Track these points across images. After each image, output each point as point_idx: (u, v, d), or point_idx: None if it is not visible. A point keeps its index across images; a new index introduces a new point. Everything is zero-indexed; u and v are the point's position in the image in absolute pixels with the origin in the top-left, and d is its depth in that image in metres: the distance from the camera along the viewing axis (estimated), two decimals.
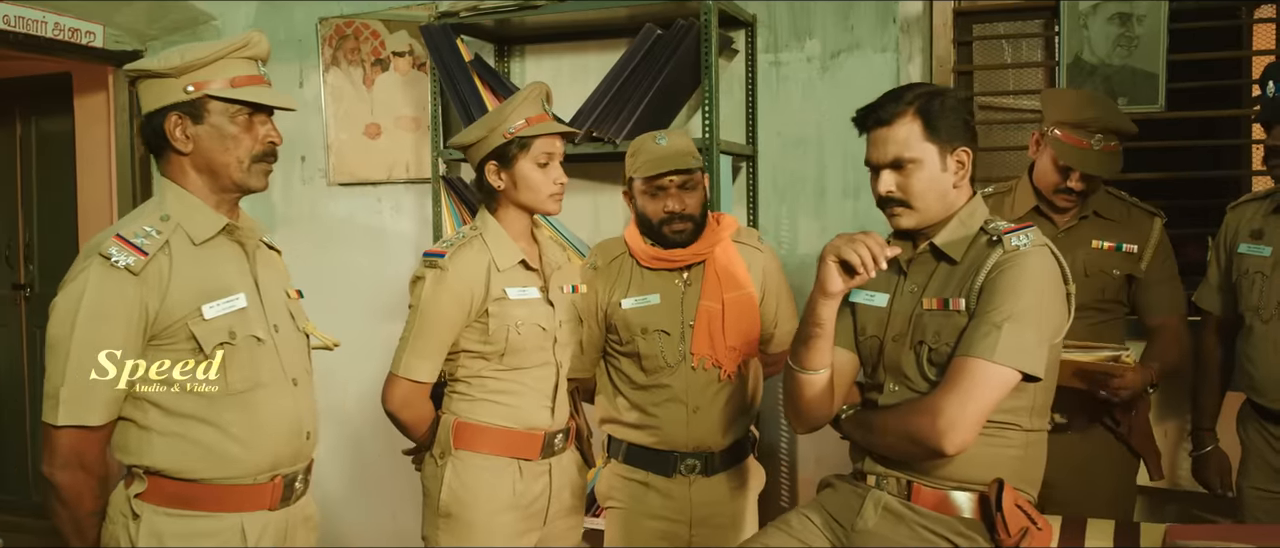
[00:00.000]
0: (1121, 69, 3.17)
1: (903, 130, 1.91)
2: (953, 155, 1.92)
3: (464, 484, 2.27)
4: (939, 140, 1.91)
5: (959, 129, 1.92)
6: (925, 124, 1.90)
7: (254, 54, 1.90)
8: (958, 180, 1.93)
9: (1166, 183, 3.31)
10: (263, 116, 1.91)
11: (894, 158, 1.92)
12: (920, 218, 1.94)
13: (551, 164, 2.31)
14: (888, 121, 1.92)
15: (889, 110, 1.92)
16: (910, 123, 1.91)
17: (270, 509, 1.88)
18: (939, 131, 1.90)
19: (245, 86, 1.87)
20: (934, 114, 1.90)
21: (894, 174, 1.93)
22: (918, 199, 1.92)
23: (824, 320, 1.90)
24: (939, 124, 1.90)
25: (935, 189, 1.92)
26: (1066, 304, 1.89)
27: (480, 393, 2.30)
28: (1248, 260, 2.51)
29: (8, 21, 3.45)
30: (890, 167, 1.93)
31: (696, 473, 2.49)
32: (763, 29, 3.38)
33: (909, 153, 1.90)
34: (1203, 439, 2.69)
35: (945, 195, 1.93)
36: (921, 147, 1.90)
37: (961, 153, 1.93)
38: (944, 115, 1.91)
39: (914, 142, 1.90)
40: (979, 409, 1.78)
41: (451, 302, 2.24)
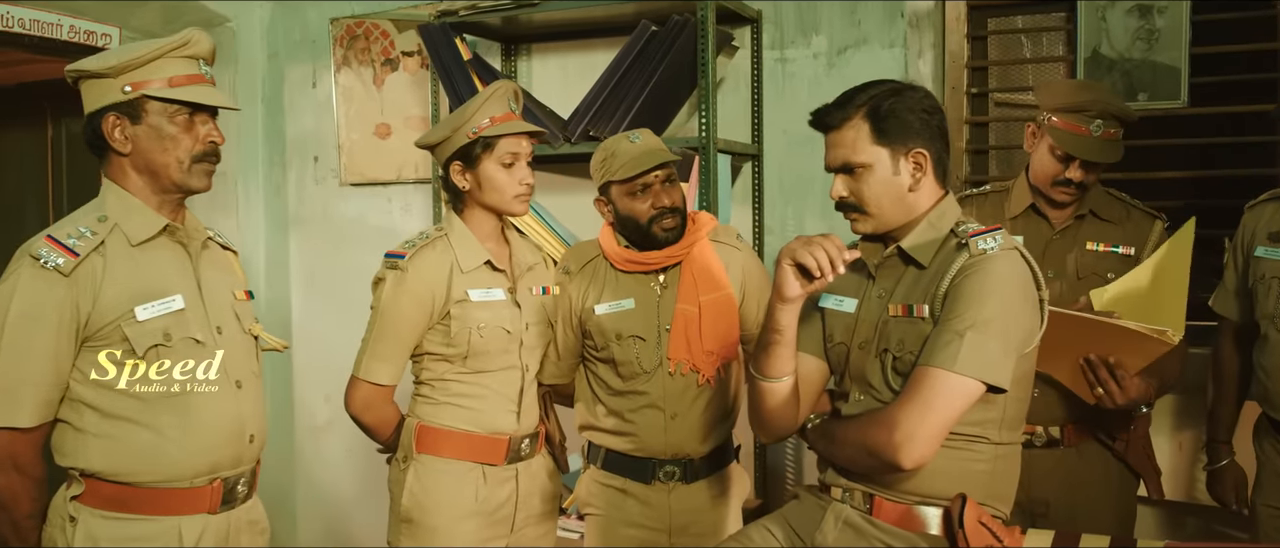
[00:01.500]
0: (1142, 63, 3.04)
1: (851, 134, 1.84)
2: (907, 158, 1.84)
3: (425, 489, 2.24)
4: (889, 143, 1.83)
5: (913, 130, 1.84)
6: (874, 127, 1.83)
7: (195, 53, 1.88)
8: (914, 183, 1.85)
9: (1190, 182, 3.17)
10: (204, 116, 1.89)
11: (843, 162, 1.85)
12: (877, 223, 1.87)
13: (517, 164, 2.27)
14: (836, 126, 1.86)
15: (836, 115, 1.86)
16: (858, 126, 1.84)
17: (210, 513, 1.86)
18: (888, 134, 1.83)
19: (184, 86, 1.85)
20: (883, 116, 1.83)
21: (846, 179, 1.86)
22: (871, 204, 1.85)
23: (783, 327, 1.83)
24: (888, 126, 1.82)
25: (889, 193, 1.84)
26: (1038, 311, 1.79)
27: (443, 396, 2.27)
28: (1264, 264, 2.37)
29: (23, 25, 3.50)
30: (841, 171, 1.86)
31: (676, 480, 2.42)
32: (768, 25, 3.30)
33: (858, 157, 1.83)
34: (1218, 452, 2.55)
35: (902, 199, 1.85)
36: (871, 150, 1.83)
37: (917, 154, 1.84)
38: (894, 117, 1.83)
39: (863, 145, 1.83)
40: (939, 422, 1.69)
41: (412, 303, 2.21)
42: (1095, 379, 2.16)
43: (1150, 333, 2.03)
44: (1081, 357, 2.16)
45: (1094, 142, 2.38)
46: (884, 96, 1.84)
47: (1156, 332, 2.03)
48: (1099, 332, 2.08)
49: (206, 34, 1.91)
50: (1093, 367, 2.15)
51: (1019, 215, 2.52)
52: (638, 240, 2.43)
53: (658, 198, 2.37)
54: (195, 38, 1.88)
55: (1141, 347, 2.08)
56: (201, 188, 1.91)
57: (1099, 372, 2.15)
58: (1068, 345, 2.14)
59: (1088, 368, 2.16)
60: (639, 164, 2.35)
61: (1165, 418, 2.88)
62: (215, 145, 1.91)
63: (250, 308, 2.04)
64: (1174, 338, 2.04)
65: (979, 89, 3.24)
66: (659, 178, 2.38)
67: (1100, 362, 2.15)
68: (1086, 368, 2.16)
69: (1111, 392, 2.16)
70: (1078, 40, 3.08)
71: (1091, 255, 2.44)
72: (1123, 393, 2.16)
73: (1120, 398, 2.16)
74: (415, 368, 2.30)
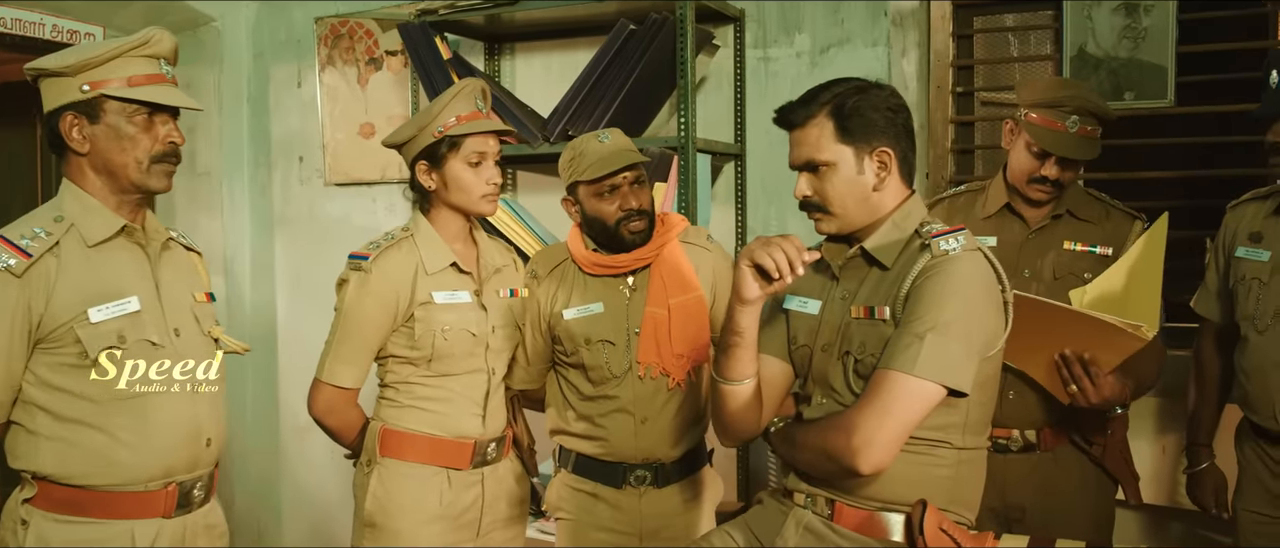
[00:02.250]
0: (1128, 62, 3.00)
1: (814, 132, 1.81)
2: (871, 156, 1.81)
3: (388, 493, 2.21)
4: (853, 141, 1.80)
5: (877, 128, 1.81)
6: (838, 125, 1.80)
7: (155, 52, 1.86)
8: (878, 182, 1.81)
9: (1177, 182, 3.13)
10: (164, 116, 1.87)
11: (807, 161, 1.82)
12: (841, 223, 1.84)
13: (484, 164, 2.24)
14: (800, 124, 1.83)
15: (800, 112, 1.83)
16: (822, 124, 1.81)
17: (164, 517, 1.84)
18: (852, 132, 1.80)
19: (144, 86, 1.83)
20: (847, 114, 1.80)
21: (809, 178, 1.84)
22: (835, 203, 1.82)
23: (742, 329, 1.81)
24: (852, 124, 1.79)
25: (854, 193, 1.81)
26: (1002, 313, 1.76)
27: (407, 400, 2.24)
28: (1244, 265, 2.33)
29: (4, 24, 3.49)
30: (805, 170, 1.84)
31: (647, 484, 2.39)
32: (751, 24, 3.28)
33: (821, 156, 1.80)
34: (1198, 456, 2.51)
35: (866, 199, 1.82)
36: (834, 149, 1.80)
37: (881, 153, 1.81)
38: (859, 115, 1.80)
39: (826, 144, 1.80)
40: (898, 426, 1.66)
41: (375, 305, 2.19)
42: (1069, 376, 2.12)
43: (1124, 327, 1.99)
44: (1055, 354, 2.13)
45: (1070, 138, 2.34)
46: (848, 94, 1.81)
47: (1131, 326, 1.99)
48: (1072, 326, 2.05)
49: (168, 33, 1.89)
50: (1067, 363, 2.12)
51: (994, 214, 2.48)
52: (605, 242, 2.39)
53: (625, 199, 2.34)
54: (156, 37, 1.86)
55: (1115, 342, 2.04)
56: (161, 188, 1.89)
57: (1073, 368, 2.11)
58: (1041, 341, 2.10)
59: (1062, 364, 2.13)
60: (607, 165, 2.32)
61: (1148, 421, 2.84)
62: (175, 146, 1.89)
63: (211, 310, 2.02)
64: (1148, 333, 2.01)
65: (964, 88, 3.21)
66: (627, 179, 2.35)
67: (1074, 358, 2.11)
68: (1061, 364, 2.13)
69: (1085, 390, 2.12)
70: (1063, 39, 3.05)
71: (1068, 255, 2.40)
72: (1096, 391, 2.12)
73: (1094, 396, 2.12)
74: (380, 371, 2.27)
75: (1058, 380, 2.16)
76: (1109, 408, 2.20)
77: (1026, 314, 2.00)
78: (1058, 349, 2.12)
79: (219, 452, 1.96)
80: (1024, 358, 2.18)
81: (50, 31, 3.64)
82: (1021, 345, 2.15)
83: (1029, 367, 2.21)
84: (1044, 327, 2.04)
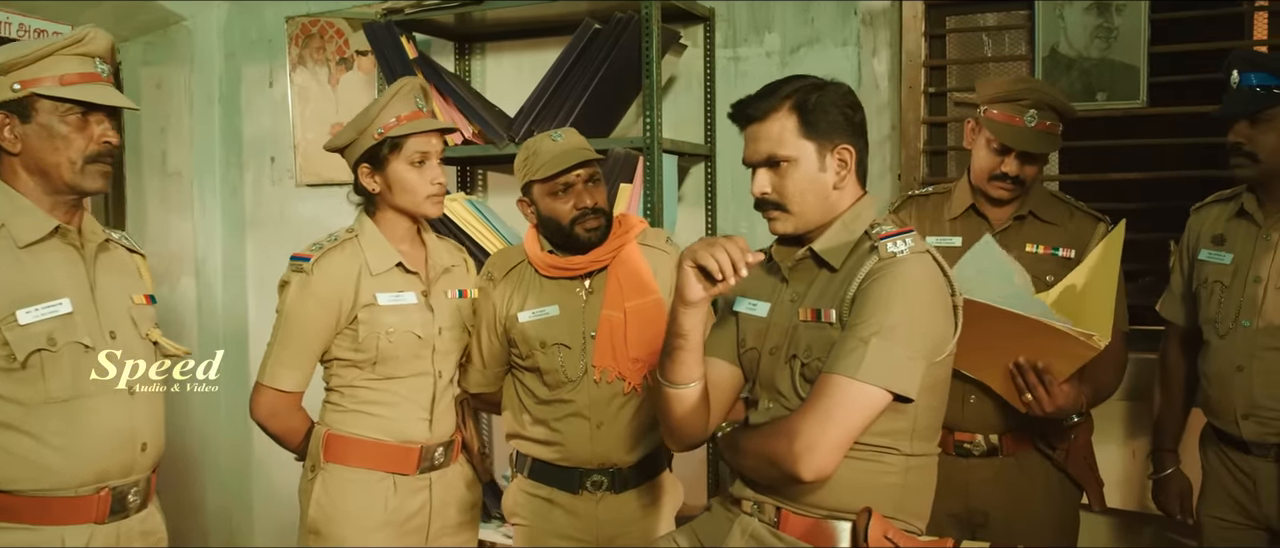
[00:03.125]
0: (1100, 62, 2.97)
1: (776, 126, 1.77)
2: (832, 153, 1.77)
3: (333, 500, 2.18)
4: (817, 137, 1.76)
5: (839, 125, 1.77)
6: (801, 120, 1.76)
7: (89, 51, 1.83)
8: (839, 181, 1.78)
9: (1148, 184, 3.10)
10: (99, 116, 1.84)
11: (768, 156, 1.78)
12: (798, 222, 1.79)
13: (428, 163, 2.20)
14: (761, 117, 1.78)
15: (762, 105, 1.78)
16: (785, 118, 1.76)
17: (97, 522, 1.81)
18: (816, 128, 1.76)
19: (77, 85, 1.80)
20: (811, 109, 1.76)
21: (769, 174, 1.79)
22: (794, 201, 1.78)
23: (686, 331, 1.77)
24: (816, 120, 1.76)
25: (814, 190, 1.77)
26: (952, 316, 1.73)
27: (352, 404, 2.21)
28: (1207, 268, 2.30)
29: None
30: (764, 165, 1.79)
31: (604, 490, 2.36)
32: (721, 23, 3.24)
33: (783, 151, 1.76)
34: (1163, 461, 2.48)
35: (825, 197, 1.78)
36: (797, 144, 1.76)
37: (842, 151, 1.78)
38: (822, 110, 1.76)
39: (789, 138, 1.76)
40: (841, 432, 1.62)
41: (317, 307, 2.15)
42: (1023, 384, 2.09)
43: (1075, 335, 1.96)
44: (1010, 361, 2.10)
45: (1028, 132, 2.31)
46: (810, 90, 1.78)
47: (1082, 335, 1.96)
48: (1024, 332, 2.01)
49: (103, 32, 1.86)
50: (1021, 371, 2.09)
51: (959, 216, 2.45)
52: (561, 243, 2.36)
53: (580, 198, 2.31)
54: (90, 35, 1.83)
55: (1067, 350, 2.01)
56: (95, 189, 1.86)
57: (1027, 376, 2.08)
58: (995, 348, 2.07)
59: (1016, 373, 2.09)
60: (559, 163, 2.29)
61: (1117, 425, 2.81)
62: (110, 146, 1.86)
63: (151, 312, 1.99)
64: (1099, 343, 1.97)
65: (937, 88, 3.18)
66: (581, 177, 2.32)
67: (1028, 366, 2.08)
68: (1015, 372, 2.10)
69: (1040, 398, 2.09)
70: (1036, 39, 3.02)
71: (1031, 258, 2.37)
72: (1051, 400, 2.09)
73: (1048, 405, 2.09)
74: (326, 374, 2.24)
75: (1013, 389, 2.13)
76: (1065, 416, 2.17)
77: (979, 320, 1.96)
78: (1012, 357, 2.09)
79: (156, 456, 1.92)
80: (979, 365, 2.14)
81: (16, 30, 3.60)
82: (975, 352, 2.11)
83: (985, 374, 2.18)
84: (997, 333, 2.00)
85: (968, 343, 2.07)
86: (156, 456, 1.93)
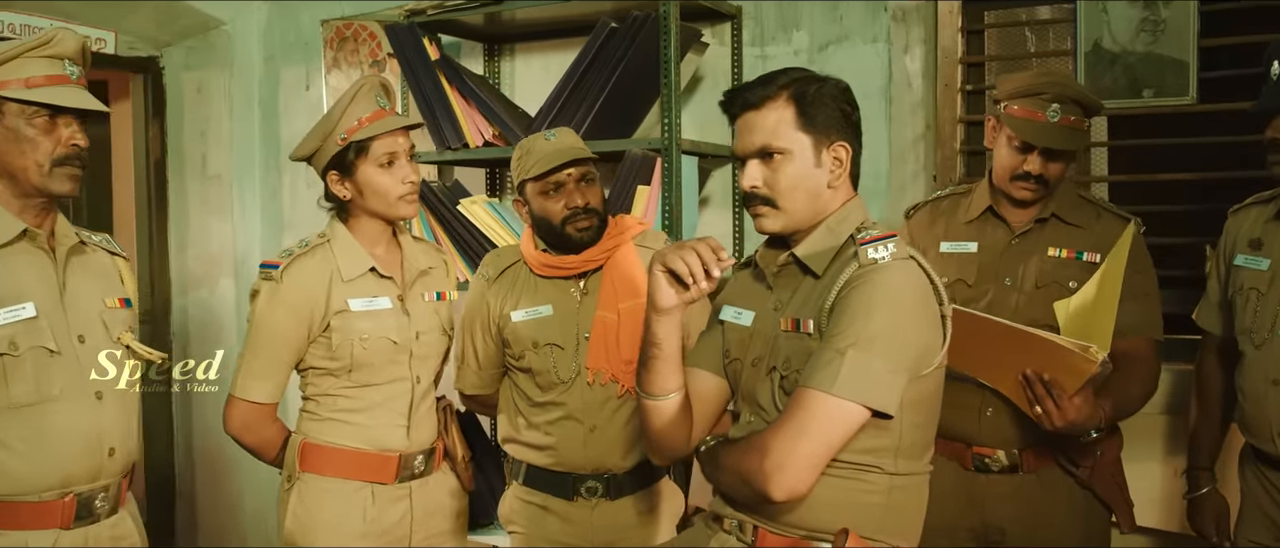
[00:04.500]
0: (1147, 57, 2.82)
1: (773, 116, 1.66)
2: (829, 150, 1.68)
3: (309, 510, 2.13)
4: (814, 131, 1.66)
5: (837, 121, 1.68)
6: (799, 111, 1.66)
7: (58, 53, 1.82)
8: (833, 179, 1.68)
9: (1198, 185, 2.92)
10: (67, 118, 1.83)
11: (761, 147, 1.68)
12: (787, 220, 1.69)
13: (397, 163, 2.15)
14: (756, 105, 1.68)
15: (758, 93, 1.68)
16: (782, 109, 1.66)
17: (62, 528, 1.80)
18: (815, 121, 1.66)
19: (43, 87, 1.79)
20: (809, 101, 1.66)
21: (760, 166, 1.69)
22: (785, 197, 1.68)
23: (660, 340, 1.69)
24: (814, 113, 1.66)
25: (806, 187, 1.67)
26: (939, 327, 1.62)
27: (328, 412, 2.16)
28: (1243, 274, 2.15)
29: (12, 30, 3.54)
30: (757, 157, 1.69)
31: (599, 496, 2.29)
32: (748, 21, 3.16)
33: (778, 142, 1.66)
34: (1198, 480, 2.32)
35: (817, 196, 1.68)
36: (793, 136, 1.66)
37: (839, 148, 1.68)
38: (821, 104, 1.66)
39: (784, 130, 1.66)
40: (814, 449, 1.53)
41: (288, 316, 2.11)
42: (1032, 396, 1.97)
43: (1073, 349, 1.83)
44: (1019, 371, 1.98)
45: (1051, 128, 2.18)
46: (808, 81, 1.69)
47: (1080, 348, 1.83)
48: (1026, 345, 1.90)
49: (74, 33, 1.85)
50: (1029, 383, 1.97)
51: (976, 219, 2.33)
52: (553, 242, 2.31)
53: (571, 197, 2.26)
54: (59, 37, 1.82)
55: (1069, 365, 1.88)
56: (64, 192, 1.85)
57: (1035, 389, 1.96)
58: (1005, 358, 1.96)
59: (1026, 384, 1.97)
60: (550, 161, 2.24)
61: (1157, 441, 2.65)
62: (78, 148, 1.85)
63: (124, 316, 1.97)
64: (1098, 356, 1.84)
65: (974, 86, 3.05)
66: (572, 176, 2.26)
67: (1036, 378, 1.96)
68: (1025, 384, 1.98)
69: (1048, 411, 1.96)
70: (1077, 33, 2.87)
71: (1053, 262, 2.24)
72: (1061, 414, 1.96)
73: (1059, 420, 1.96)
74: (302, 383, 2.21)
75: (1026, 398, 2.01)
76: (1081, 432, 2.04)
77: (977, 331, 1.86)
78: (1021, 366, 1.97)
79: (126, 461, 1.91)
80: (992, 373, 2.03)
81: None
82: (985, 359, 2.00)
83: (999, 383, 2.06)
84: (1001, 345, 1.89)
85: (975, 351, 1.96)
86: (126, 461, 1.91)
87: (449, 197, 3.15)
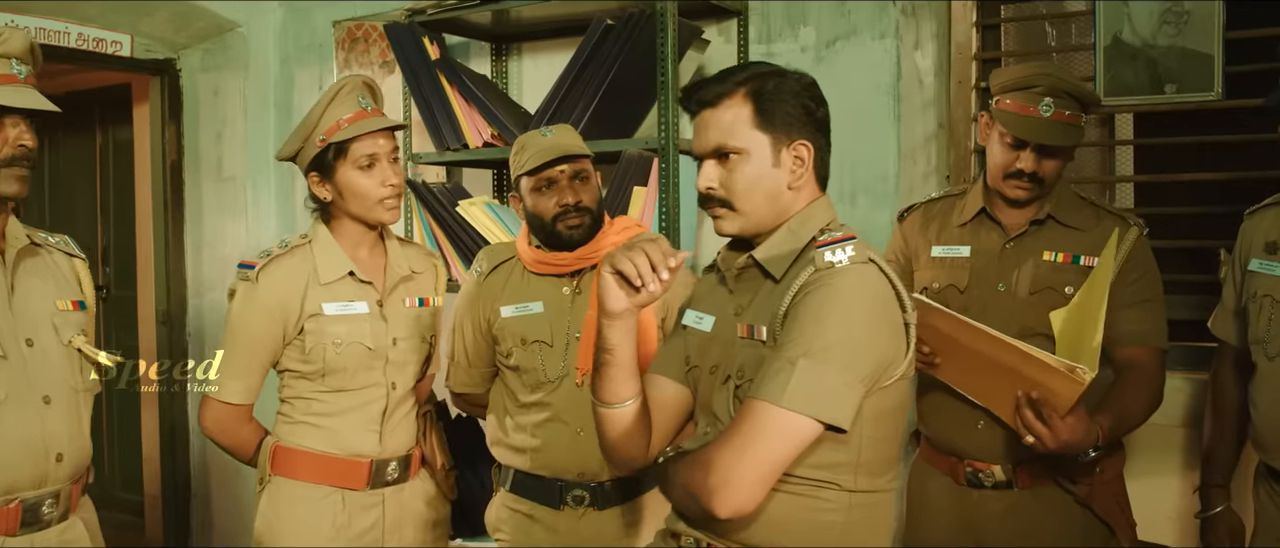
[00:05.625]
0: (1169, 51, 2.68)
1: (728, 115, 1.58)
2: (789, 149, 1.59)
3: (279, 514, 2.10)
4: (772, 129, 1.58)
5: (798, 118, 1.59)
6: (756, 109, 1.57)
7: (4, 52, 1.80)
8: (794, 180, 1.59)
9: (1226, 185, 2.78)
10: (15, 118, 1.80)
11: (716, 146, 1.59)
12: (745, 222, 1.61)
13: (377, 165, 2.11)
14: (712, 103, 1.60)
15: (714, 90, 1.60)
16: (739, 106, 1.58)
17: (6, 535, 1.77)
18: (773, 119, 1.57)
19: None
20: (767, 97, 1.57)
21: (716, 167, 1.61)
22: (741, 198, 1.59)
23: (613, 346, 1.61)
24: (772, 110, 1.57)
25: (764, 188, 1.59)
26: (902, 336, 1.52)
27: (301, 415, 2.13)
28: (1257, 280, 2.02)
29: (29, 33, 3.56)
30: (712, 157, 1.61)
31: (586, 505, 2.23)
32: (755, 18, 3.07)
33: (734, 141, 1.58)
34: (1211, 497, 2.19)
35: (777, 197, 1.60)
36: (749, 135, 1.58)
37: (800, 146, 1.59)
38: (780, 100, 1.58)
39: (741, 128, 1.58)
40: (761, 465, 1.44)
41: (262, 317, 2.08)
42: (1022, 424, 1.85)
43: (1060, 368, 1.72)
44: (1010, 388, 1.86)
45: (1043, 123, 2.07)
46: (768, 77, 1.60)
47: (1067, 368, 1.71)
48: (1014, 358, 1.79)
49: (22, 32, 1.83)
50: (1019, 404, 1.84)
51: (969, 221, 2.22)
52: (545, 239, 2.26)
53: (563, 194, 2.20)
54: (5, 36, 1.80)
55: (1056, 381, 1.77)
56: (12, 193, 1.82)
57: (1023, 412, 1.83)
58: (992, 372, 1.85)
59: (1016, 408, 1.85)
60: (543, 156, 2.19)
61: (1175, 455, 2.52)
62: (26, 149, 1.82)
63: (76, 319, 1.94)
64: (1085, 376, 1.72)
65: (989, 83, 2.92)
66: (565, 173, 2.21)
67: (1026, 399, 1.83)
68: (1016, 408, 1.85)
69: (1040, 434, 1.84)
70: (1096, 26, 2.74)
71: (1048, 267, 2.12)
72: (1053, 436, 1.83)
73: (1051, 442, 1.84)
74: (279, 385, 2.17)
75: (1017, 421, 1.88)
76: (1077, 452, 1.92)
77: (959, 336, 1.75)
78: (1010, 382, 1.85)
79: (76, 467, 1.87)
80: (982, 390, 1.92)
81: (75, 40, 3.70)
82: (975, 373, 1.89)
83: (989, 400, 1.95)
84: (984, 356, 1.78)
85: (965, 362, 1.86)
86: (77, 466, 1.88)
87: (449, 198, 3.11)
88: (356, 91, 2.12)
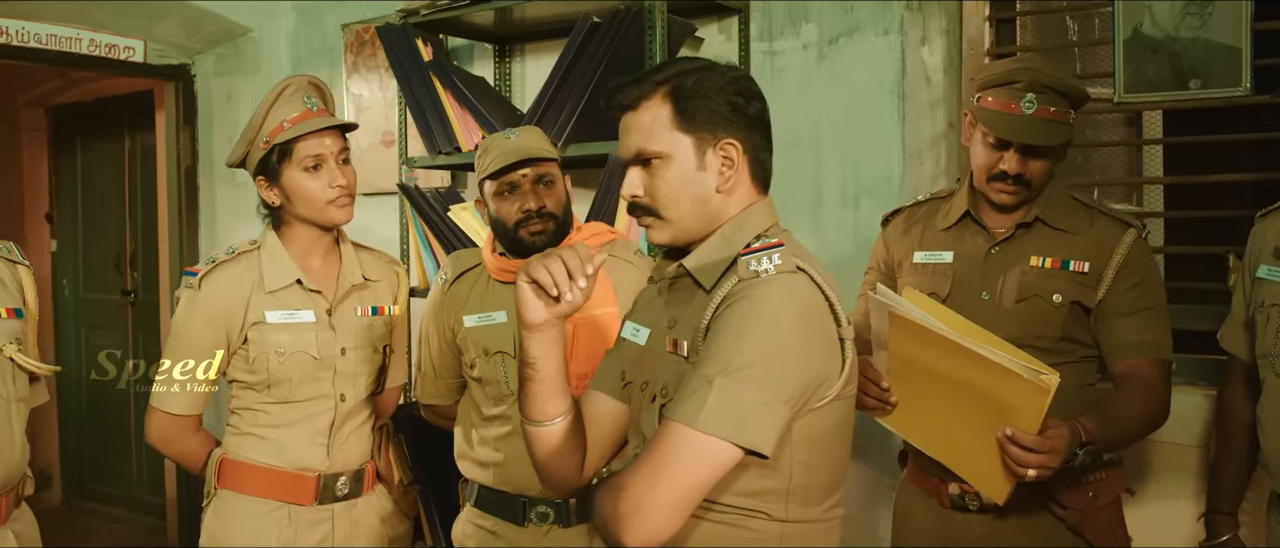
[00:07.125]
0: (1193, 44, 2.50)
1: (648, 117, 1.47)
2: (715, 149, 1.47)
3: (223, 529, 2.04)
4: (695, 130, 1.46)
5: (722, 116, 1.46)
6: (676, 109, 1.46)
7: None
8: (723, 183, 1.47)
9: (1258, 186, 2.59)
10: None
11: (637, 151, 1.49)
12: (675, 230, 1.50)
13: (324, 166, 2.03)
14: (632, 106, 1.49)
15: (632, 92, 1.49)
16: (658, 108, 1.47)
17: None
18: (694, 119, 1.45)
19: None
20: (688, 95, 1.45)
21: (640, 173, 1.50)
22: (666, 205, 1.48)
23: (535, 359, 1.51)
24: (694, 109, 1.45)
25: (689, 193, 1.47)
26: (836, 351, 1.40)
27: (248, 427, 2.06)
28: (1265, 288, 1.84)
29: (40, 40, 3.59)
30: (635, 162, 1.50)
31: (551, 523, 2.13)
32: (756, 15, 2.95)
33: (654, 145, 1.47)
34: (1218, 525, 2.02)
35: (706, 202, 1.48)
36: (670, 137, 1.46)
37: (727, 146, 1.47)
38: (702, 98, 1.46)
39: (661, 131, 1.46)
40: (675, 492, 1.31)
41: (205, 325, 2.02)
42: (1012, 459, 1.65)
43: (1022, 374, 1.57)
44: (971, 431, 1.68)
45: (1027, 121, 1.92)
46: (690, 73, 1.48)
47: (1031, 373, 1.57)
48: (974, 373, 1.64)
49: None
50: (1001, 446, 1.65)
51: (954, 225, 2.08)
52: (509, 246, 2.16)
53: (526, 199, 2.10)
54: None
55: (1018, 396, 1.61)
56: None
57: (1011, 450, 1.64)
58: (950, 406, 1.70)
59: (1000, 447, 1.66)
60: (504, 159, 2.09)
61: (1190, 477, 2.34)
62: None
63: (11, 327, 1.90)
64: (1049, 382, 1.56)
65: None
66: (527, 177, 2.11)
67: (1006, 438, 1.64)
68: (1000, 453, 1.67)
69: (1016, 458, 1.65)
70: (1115, 19, 2.58)
71: (1035, 273, 1.97)
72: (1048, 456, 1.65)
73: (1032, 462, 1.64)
74: (229, 396, 2.11)
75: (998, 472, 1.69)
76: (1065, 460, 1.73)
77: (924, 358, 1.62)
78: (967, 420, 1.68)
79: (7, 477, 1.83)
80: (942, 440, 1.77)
81: (87, 46, 3.72)
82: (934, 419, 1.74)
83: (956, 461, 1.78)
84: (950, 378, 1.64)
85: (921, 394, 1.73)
86: (7, 476, 1.84)
87: (441, 203, 3.04)
88: (302, 92, 2.06)
